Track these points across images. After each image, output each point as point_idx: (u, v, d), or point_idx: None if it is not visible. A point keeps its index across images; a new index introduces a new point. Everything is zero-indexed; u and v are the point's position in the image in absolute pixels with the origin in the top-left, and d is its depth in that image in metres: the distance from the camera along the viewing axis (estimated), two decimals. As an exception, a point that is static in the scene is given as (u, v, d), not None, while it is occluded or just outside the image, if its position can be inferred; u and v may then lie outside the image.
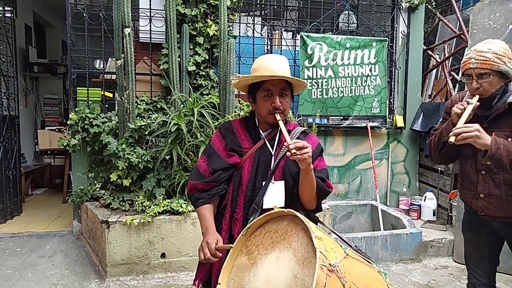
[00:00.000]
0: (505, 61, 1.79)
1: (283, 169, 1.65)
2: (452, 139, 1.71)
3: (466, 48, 4.19)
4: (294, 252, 1.28)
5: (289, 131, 1.67)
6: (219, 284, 1.42)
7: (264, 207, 1.60)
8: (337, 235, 1.70)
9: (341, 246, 1.37)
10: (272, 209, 1.50)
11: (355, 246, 1.61)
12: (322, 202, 1.74)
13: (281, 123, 1.57)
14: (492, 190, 1.96)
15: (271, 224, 1.44)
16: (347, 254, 1.32)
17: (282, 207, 1.54)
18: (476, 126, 1.73)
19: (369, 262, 1.48)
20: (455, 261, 3.89)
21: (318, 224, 1.71)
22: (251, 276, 1.37)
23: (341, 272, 1.20)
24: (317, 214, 1.76)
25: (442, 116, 2.19)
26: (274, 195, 1.62)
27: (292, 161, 1.51)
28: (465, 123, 1.78)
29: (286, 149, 1.46)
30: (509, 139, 1.84)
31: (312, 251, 1.22)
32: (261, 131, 1.71)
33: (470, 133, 1.71)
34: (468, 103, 1.82)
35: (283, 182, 1.64)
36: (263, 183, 1.64)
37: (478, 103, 1.83)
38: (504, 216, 1.97)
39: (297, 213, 1.34)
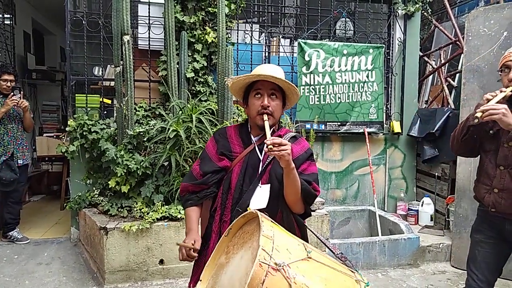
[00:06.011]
0: None
1: (270, 173, 1.68)
2: (479, 114, 1.81)
3: (462, 55, 4.23)
4: (252, 251, 1.31)
5: (279, 136, 1.70)
6: (200, 280, 1.49)
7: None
8: (321, 241, 1.68)
9: (306, 249, 1.36)
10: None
11: (340, 253, 1.60)
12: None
13: (266, 123, 1.61)
14: (507, 184, 2.02)
15: (247, 225, 1.49)
16: (310, 257, 1.32)
17: (262, 209, 1.57)
18: (504, 106, 1.82)
19: (352, 272, 1.45)
20: (453, 266, 3.90)
21: (305, 228, 1.71)
22: (223, 274, 1.42)
23: (291, 272, 1.20)
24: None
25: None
26: (260, 198, 1.65)
27: (278, 164, 1.54)
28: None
29: (266, 146, 1.48)
30: None
31: None
32: (252, 136, 1.77)
33: (497, 111, 1.80)
34: (501, 91, 1.92)
35: (269, 185, 1.67)
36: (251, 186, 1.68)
37: (511, 93, 1.93)
38: None
39: (259, 213, 1.38)
